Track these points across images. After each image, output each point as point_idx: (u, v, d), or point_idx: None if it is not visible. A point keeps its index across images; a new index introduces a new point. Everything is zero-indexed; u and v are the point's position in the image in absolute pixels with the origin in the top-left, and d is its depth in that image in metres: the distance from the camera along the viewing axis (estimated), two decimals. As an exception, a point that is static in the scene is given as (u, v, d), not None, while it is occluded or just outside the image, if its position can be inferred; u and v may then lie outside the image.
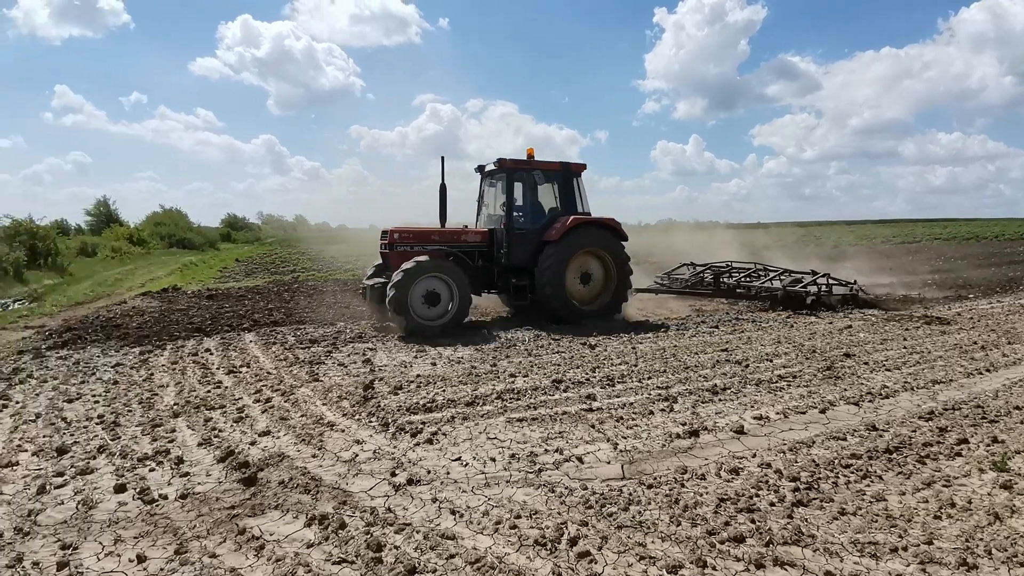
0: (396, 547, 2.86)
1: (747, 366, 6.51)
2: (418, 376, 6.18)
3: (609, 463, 3.92)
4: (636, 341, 8.06)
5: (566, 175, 9.97)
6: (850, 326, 9.07)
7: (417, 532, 3.00)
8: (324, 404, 5.27)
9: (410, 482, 3.62)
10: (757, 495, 3.41)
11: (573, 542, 2.89)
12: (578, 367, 6.49)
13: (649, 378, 6.03)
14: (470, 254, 9.62)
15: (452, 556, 2.77)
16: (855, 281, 11.69)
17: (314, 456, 4.08)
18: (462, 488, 3.55)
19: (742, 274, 12.90)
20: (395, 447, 4.23)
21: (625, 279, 9.90)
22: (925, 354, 7.10)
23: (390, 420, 4.74)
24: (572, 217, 9.54)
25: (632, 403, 5.19)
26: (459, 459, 3.98)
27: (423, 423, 4.68)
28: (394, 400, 5.30)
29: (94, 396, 5.55)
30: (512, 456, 4.01)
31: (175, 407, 5.17)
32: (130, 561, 2.76)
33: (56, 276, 23.61)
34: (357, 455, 4.09)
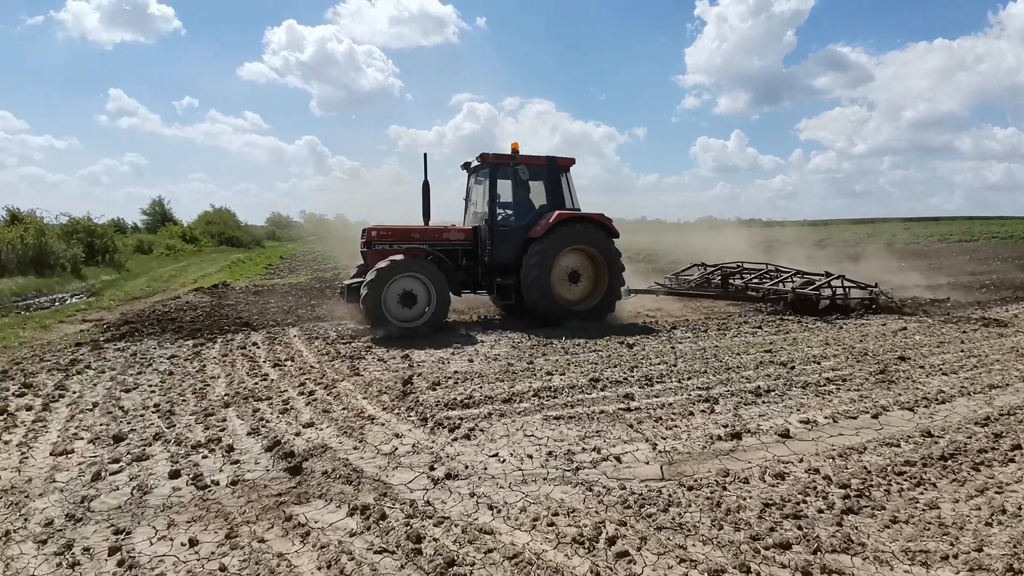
0: (435, 539, 2.90)
1: (793, 368, 6.30)
2: (455, 372, 6.24)
3: (648, 463, 3.86)
4: (675, 341, 7.92)
5: (553, 170, 9.56)
6: (904, 328, 8.67)
7: (455, 526, 3.03)
8: (364, 398, 5.39)
9: (448, 476, 3.66)
10: (804, 501, 3.30)
11: (611, 542, 2.86)
12: (615, 366, 6.42)
13: (689, 378, 5.91)
14: (453, 253, 9.30)
15: (490, 551, 2.79)
16: (876, 284, 10.78)
17: (355, 448, 4.18)
18: (499, 484, 3.56)
19: (752, 275, 12.23)
20: (433, 442, 4.28)
21: (617, 278, 9.42)
22: (982, 358, 6.72)
23: (428, 415, 4.80)
24: (557, 213, 9.09)
25: (671, 403, 5.10)
26: (496, 455, 4.00)
27: (461, 419, 4.72)
28: (432, 395, 5.37)
29: (150, 386, 5.83)
30: (549, 454, 4.00)
31: (225, 397, 5.38)
32: (182, 545, 2.88)
33: (114, 272, 24.87)
34: (396, 448, 4.16)
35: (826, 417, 4.74)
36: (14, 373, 6.37)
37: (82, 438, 4.40)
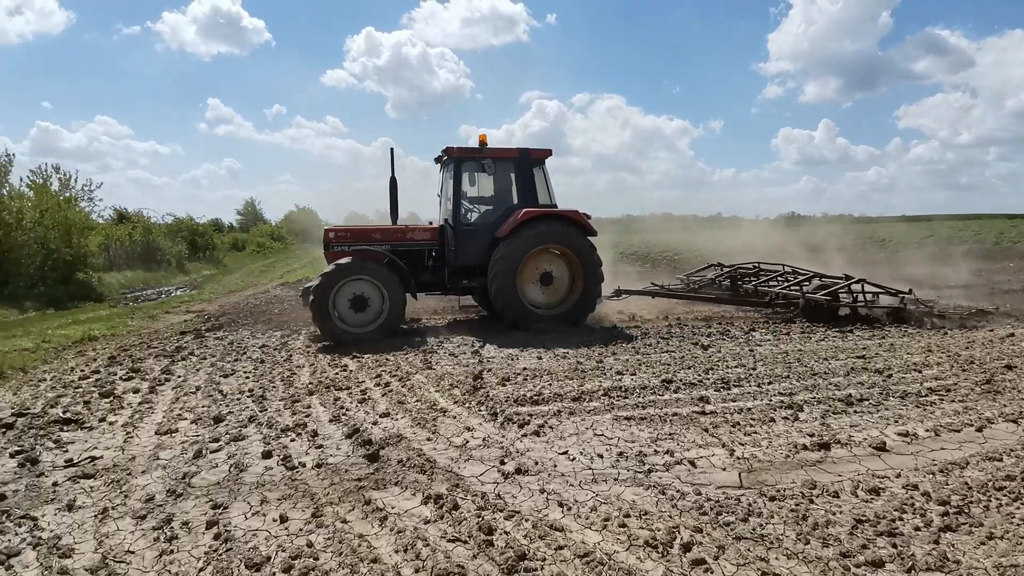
0: (506, 532, 2.94)
1: (890, 376, 5.83)
2: (524, 369, 6.28)
3: (724, 470, 3.71)
4: (755, 343, 7.54)
5: (524, 163, 8.87)
6: (1012, 334, 7.79)
7: (526, 520, 3.06)
8: (437, 391, 5.54)
9: (518, 471, 3.69)
10: (901, 518, 3.05)
11: (687, 548, 2.78)
12: (689, 368, 6.22)
13: (770, 383, 5.62)
14: (419, 253, 8.79)
15: (560, 547, 2.79)
16: (909, 290, 9.39)
17: (428, 439, 4.31)
18: (569, 482, 3.55)
19: (766, 278, 11.21)
20: (503, 436, 4.34)
21: (593, 280, 8.75)
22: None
23: (498, 410, 4.87)
24: (524, 210, 8.48)
25: (750, 408, 4.86)
26: (566, 453, 3.99)
27: (530, 415, 4.75)
28: (502, 391, 5.44)
29: (245, 373, 6.31)
30: (620, 454, 3.94)
31: (309, 386, 5.72)
32: (274, 521, 3.10)
33: (213, 267, 27.09)
34: (467, 441, 4.25)
35: (927, 430, 4.35)
36: (122, 359, 7.08)
37: (185, 419, 4.83)
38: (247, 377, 6.13)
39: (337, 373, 6.27)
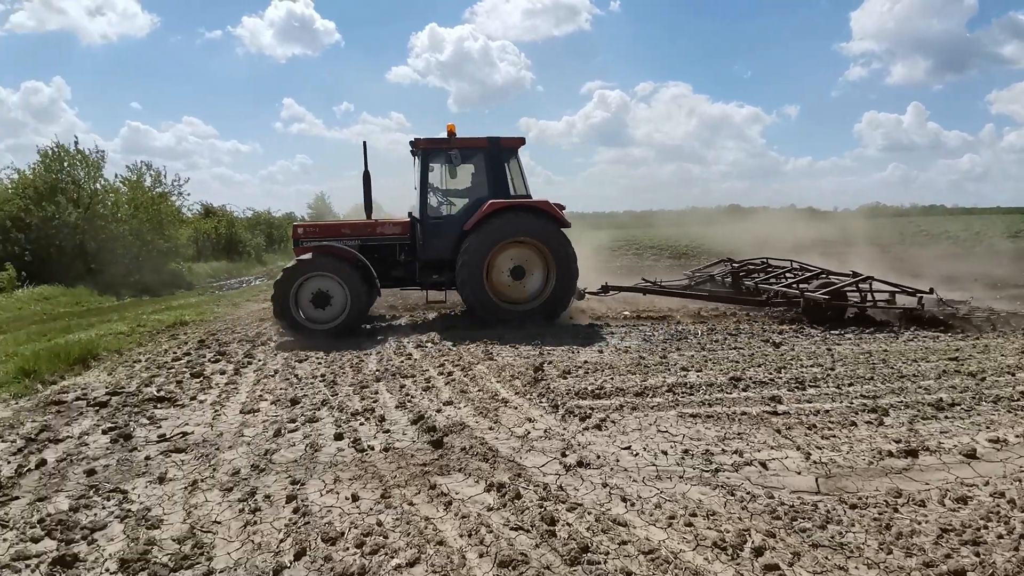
0: (569, 524, 2.94)
1: (983, 379, 5.35)
2: (585, 362, 6.23)
3: (800, 474, 3.54)
4: (833, 342, 7.12)
5: (495, 153, 8.53)
6: None
7: (588, 513, 3.04)
8: (498, 382, 5.60)
9: (580, 464, 3.67)
10: (985, 527, 2.85)
11: (758, 552, 2.67)
12: (759, 366, 5.96)
13: (850, 384, 5.29)
14: (389, 247, 8.61)
15: (624, 543, 2.76)
16: (931, 289, 8.31)
17: (490, 429, 4.37)
18: (632, 477, 3.50)
19: (769, 275, 10.34)
20: (564, 429, 4.33)
21: (567, 274, 8.34)
22: None
23: (559, 403, 4.86)
24: (490, 202, 8.20)
25: (828, 411, 4.60)
26: (628, 448, 3.93)
27: (592, 409, 4.71)
28: (563, 384, 5.43)
29: (317, 359, 6.63)
30: (685, 452, 3.84)
31: (376, 373, 5.94)
32: (346, 499, 3.25)
33: (288, 258, 28.57)
34: (529, 432, 4.27)
35: (1018, 436, 3.99)
36: (210, 343, 7.62)
37: (266, 399, 5.13)
38: (319, 363, 6.44)
39: (402, 361, 6.47)
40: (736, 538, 2.78)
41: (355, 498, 3.23)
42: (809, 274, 9.55)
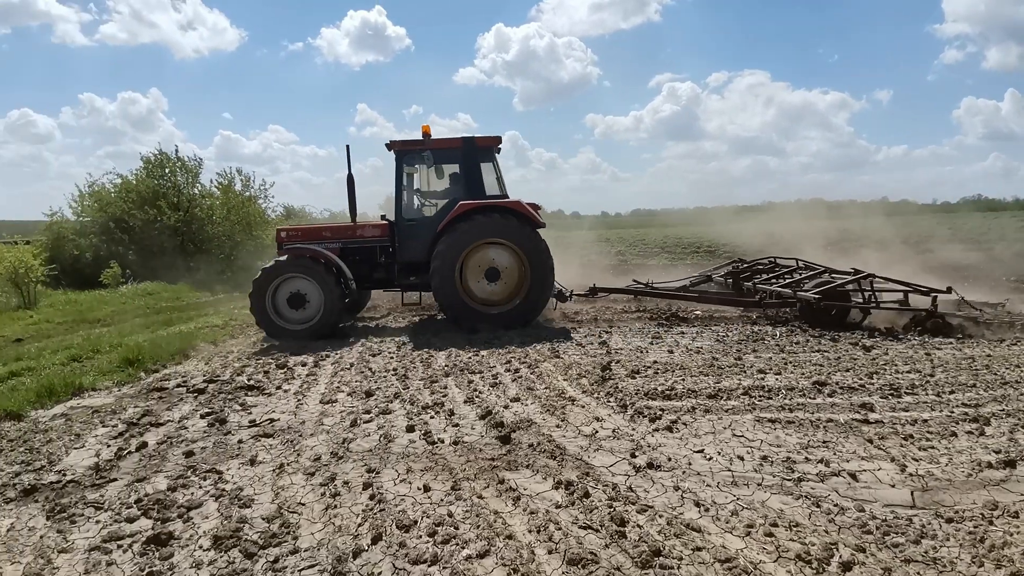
0: (639, 526, 2.88)
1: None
2: (655, 362, 6.08)
3: (894, 487, 3.28)
4: (933, 346, 6.54)
5: (470, 153, 8.42)
6: None
7: (660, 516, 2.97)
8: (565, 380, 5.58)
9: (650, 466, 3.59)
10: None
11: (846, 567, 2.50)
12: (847, 370, 5.57)
13: (951, 392, 4.84)
14: (370, 250, 8.61)
15: (698, 549, 2.67)
16: (949, 288, 7.51)
17: (558, 426, 4.35)
18: (706, 482, 3.38)
19: (773, 275, 9.68)
20: (633, 429, 4.24)
21: (541, 276, 8.07)
22: None
23: (628, 402, 4.77)
24: (460, 203, 8.06)
25: (926, 420, 4.23)
26: (702, 451, 3.80)
27: (662, 409, 4.59)
28: (631, 383, 5.32)
29: (389, 353, 6.89)
30: (764, 458, 3.65)
31: (445, 368, 6.08)
32: (418, 489, 3.34)
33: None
34: (597, 431, 4.22)
35: None
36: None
37: (343, 391, 5.39)
38: (391, 357, 6.68)
39: (470, 358, 6.58)
40: (822, 551, 2.62)
41: (427, 488, 3.32)
42: (811, 273, 8.99)
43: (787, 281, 8.83)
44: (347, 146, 8.74)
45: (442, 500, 3.20)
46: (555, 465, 3.65)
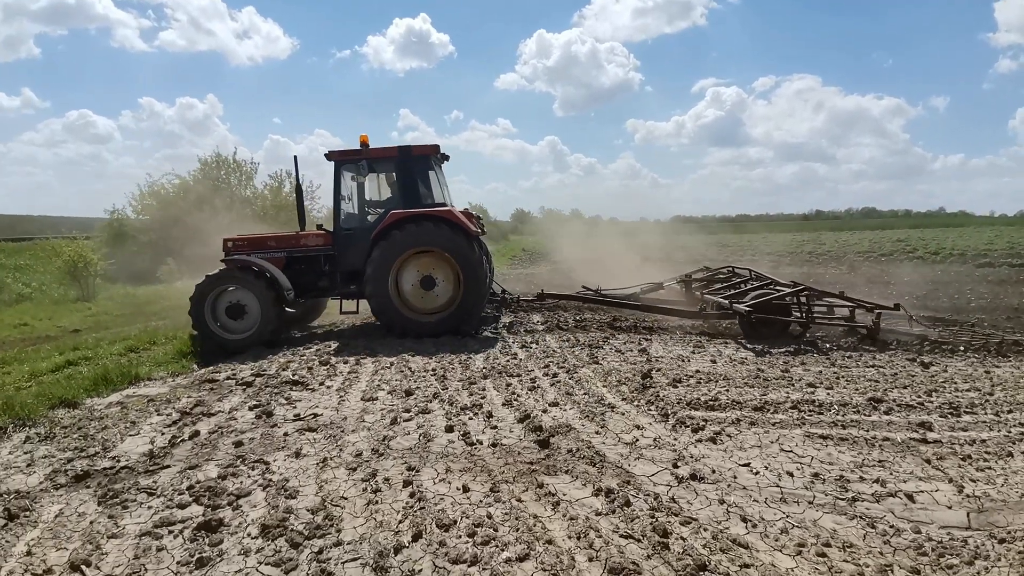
0: (683, 538, 2.80)
1: None
2: (697, 371, 5.93)
3: (951, 508, 3.12)
4: (992, 364, 6.17)
5: (405, 162, 8.42)
6: None
7: (704, 530, 2.88)
8: (604, 386, 5.50)
9: (693, 477, 3.50)
10: None
11: (906, 593, 2.37)
12: (905, 387, 5.30)
13: (1009, 411, 4.56)
14: (314, 258, 8.59)
15: (746, 566, 2.58)
16: (896, 305, 7.74)
17: (597, 433, 4.30)
18: (753, 497, 3.26)
19: (720, 285, 9.68)
20: (675, 439, 4.15)
21: (476, 282, 8.06)
22: None
23: (669, 411, 4.67)
24: (391, 212, 8.07)
25: (984, 440, 4.00)
26: (748, 465, 3.68)
27: (705, 420, 4.47)
28: (673, 392, 5.21)
29: (428, 353, 6.95)
30: (815, 475, 3.51)
31: (483, 370, 6.10)
32: (457, 489, 3.35)
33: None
34: (637, 440, 4.15)
35: None
36: (336, 336, 8.26)
37: (383, 389, 5.47)
38: (430, 357, 6.75)
39: (508, 361, 6.58)
40: (876, 573, 2.49)
41: (465, 489, 3.33)
42: (757, 284, 8.87)
43: (731, 292, 8.81)
44: (295, 156, 9.30)
45: (481, 501, 3.19)
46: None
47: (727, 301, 8.10)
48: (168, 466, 3.80)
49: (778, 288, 8.26)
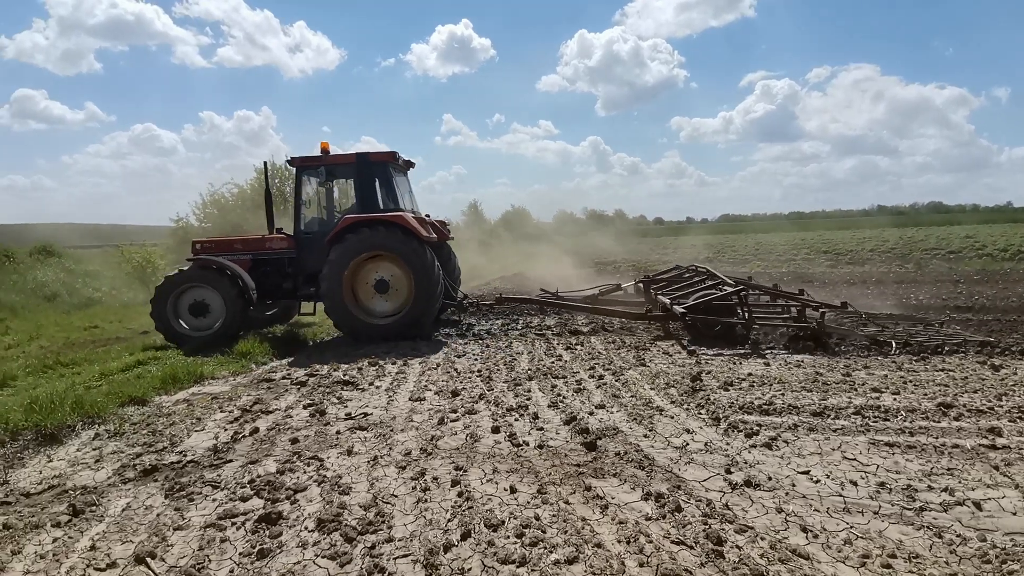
0: (738, 547, 2.71)
1: None
2: (749, 375, 5.75)
3: (1015, 514, 2.93)
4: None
5: (364, 168, 8.62)
6: None
7: (761, 539, 2.78)
8: (652, 389, 5.41)
9: (748, 484, 3.38)
10: None
11: (984, 612, 2.22)
12: (975, 391, 4.96)
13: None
14: (279, 261, 8.82)
15: (806, 577, 2.47)
16: (844, 303, 8.44)
17: (645, 436, 4.22)
18: (813, 506, 3.13)
19: (677, 286, 9.57)
20: (728, 444, 4.03)
21: (425, 289, 8.12)
22: None
23: (721, 416, 4.54)
24: (345, 217, 8.32)
25: (1075, 452, 3.69)
26: (807, 473, 3.52)
27: (759, 425, 4.32)
28: (724, 396, 5.06)
29: (474, 355, 7.02)
30: (881, 484, 3.33)
31: (529, 372, 6.11)
32: (505, 490, 3.36)
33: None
34: (687, 444, 4.05)
35: None
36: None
37: (430, 389, 5.56)
38: (475, 359, 6.81)
39: (552, 362, 6.56)
40: (952, 592, 2.34)
41: (513, 490, 3.34)
42: (708, 285, 8.76)
43: (678, 294, 8.81)
44: (264, 163, 9.52)
45: (528, 503, 3.19)
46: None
47: (669, 301, 8.24)
48: (231, 460, 3.97)
49: (723, 288, 8.19)
